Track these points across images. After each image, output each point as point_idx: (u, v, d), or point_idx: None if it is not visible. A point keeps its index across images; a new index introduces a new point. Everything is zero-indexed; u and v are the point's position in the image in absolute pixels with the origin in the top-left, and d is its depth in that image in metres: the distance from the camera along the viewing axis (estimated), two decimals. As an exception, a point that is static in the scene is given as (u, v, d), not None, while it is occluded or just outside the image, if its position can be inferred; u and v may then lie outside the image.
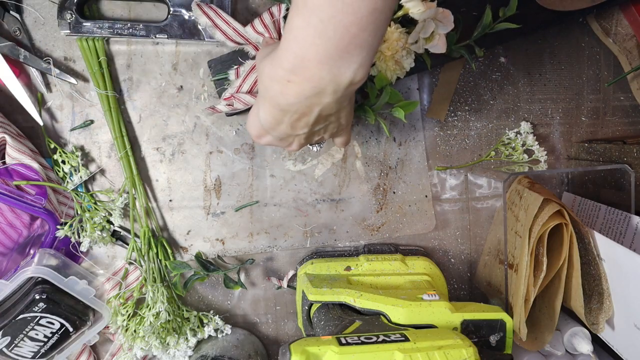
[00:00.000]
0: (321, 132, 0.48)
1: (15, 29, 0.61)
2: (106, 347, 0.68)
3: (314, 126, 0.45)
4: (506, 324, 0.55)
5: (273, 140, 0.49)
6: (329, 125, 0.47)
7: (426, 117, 0.69)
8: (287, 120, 0.44)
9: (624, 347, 0.56)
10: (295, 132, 0.46)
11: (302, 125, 0.44)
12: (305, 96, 0.40)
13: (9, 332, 0.58)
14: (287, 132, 0.46)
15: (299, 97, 0.40)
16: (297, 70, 0.38)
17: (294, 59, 0.38)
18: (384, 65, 0.56)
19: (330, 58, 0.37)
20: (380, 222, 0.70)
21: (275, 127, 0.45)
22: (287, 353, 0.45)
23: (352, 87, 0.40)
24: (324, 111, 0.43)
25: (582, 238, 0.57)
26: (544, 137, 0.71)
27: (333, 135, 0.51)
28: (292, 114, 0.43)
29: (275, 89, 0.41)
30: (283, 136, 0.47)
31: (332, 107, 0.42)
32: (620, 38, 0.68)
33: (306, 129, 0.45)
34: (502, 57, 0.70)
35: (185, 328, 0.65)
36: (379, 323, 0.53)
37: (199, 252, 0.66)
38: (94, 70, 0.61)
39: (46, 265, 0.58)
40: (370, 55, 0.38)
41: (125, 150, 0.63)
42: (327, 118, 0.45)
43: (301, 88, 0.40)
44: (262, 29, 0.57)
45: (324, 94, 0.40)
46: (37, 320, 0.58)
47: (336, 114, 0.45)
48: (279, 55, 0.40)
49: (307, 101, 0.41)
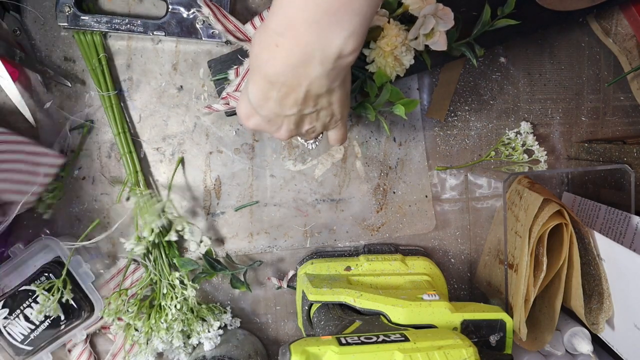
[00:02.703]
0: (313, 120, 0.47)
1: (15, 29, 0.61)
2: (106, 347, 0.68)
3: (304, 106, 0.44)
4: (506, 324, 0.55)
5: (261, 122, 0.47)
6: (321, 112, 0.46)
7: (426, 117, 0.69)
8: (275, 96, 0.43)
9: (624, 347, 0.56)
10: (284, 111, 0.44)
11: (290, 103, 0.43)
12: (293, 64, 0.39)
13: (9, 303, 0.61)
14: (276, 111, 0.45)
15: (286, 65, 0.39)
16: (285, 32, 0.38)
17: (282, 20, 0.37)
18: (383, 61, 0.56)
19: (319, 21, 0.36)
20: (380, 222, 0.70)
21: (263, 103, 0.44)
22: (287, 353, 0.45)
23: (341, 60, 0.39)
24: (313, 88, 0.42)
25: (582, 238, 0.57)
26: (544, 137, 0.71)
27: (326, 127, 0.50)
28: (280, 87, 0.42)
29: (264, 57, 0.40)
30: (271, 116, 0.46)
31: (322, 84, 0.41)
32: (620, 38, 0.68)
33: (295, 108, 0.44)
34: (502, 57, 0.70)
35: (207, 315, 0.65)
36: (379, 323, 0.53)
37: (209, 250, 0.66)
38: (94, 67, 0.61)
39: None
40: (363, 26, 0.37)
41: (127, 146, 0.63)
42: (318, 100, 0.44)
43: (288, 53, 0.39)
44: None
45: (312, 63, 0.39)
46: (35, 296, 0.61)
47: (327, 96, 0.44)
48: (268, 19, 0.39)
49: (295, 71, 0.40)
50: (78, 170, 0.65)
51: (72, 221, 0.66)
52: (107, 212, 0.67)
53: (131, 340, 0.63)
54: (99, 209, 0.66)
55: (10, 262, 0.61)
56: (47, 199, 0.64)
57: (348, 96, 0.47)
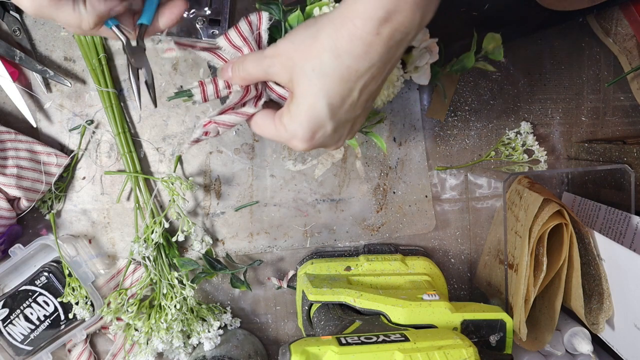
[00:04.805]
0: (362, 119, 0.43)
1: (15, 29, 0.61)
2: (106, 347, 0.68)
3: (373, 96, 0.41)
4: (506, 324, 0.55)
5: (328, 135, 0.41)
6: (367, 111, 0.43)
7: (426, 117, 0.69)
8: (355, 94, 0.39)
9: (624, 347, 0.56)
10: (356, 111, 0.40)
11: (366, 98, 0.40)
12: (389, 47, 0.36)
13: (9, 303, 0.62)
14: (351, 113, 0.40)
15: (384, 50, 0.36)
16: (391, 16, 0.34)
17: (388, 4, 0.34)
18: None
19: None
20: (380, 222, 0.70)
21: (339, 108, 0.39)
22: (287, 353, 0.45)
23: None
24: (385, 75, 0.39)
25: (582, 238, 0.57)
26: (544, 137, 0.72)
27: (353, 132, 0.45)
28: (366, 79, 0.38)
29: (357, 51, 0.36)
30: (342, 121, 0.40)
31: (387, 69, 0.38)
32: (620, 38, 0.68)
33: (369, 102, 0.40)
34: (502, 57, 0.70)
35: (207, 315, 0.65)
36: (379, 323, 0.53)
37: (209, 250, 0.66)
38: (94, 66, 0.61)
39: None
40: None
41: (127, 146, 0.63)
42: (375, 94, 0.41)
43: (389, 38, 0.35)
44: (239, 41, 0.44)
45: (405, 41, 0.36)
46: (35, 296, 0.62)
47: (379, 88, 0.41)
48: (352, 13, 0.35)
49: (389, 54, 0.37)
50: (78, 170, 0.65)
51: (72, 221, 0.66)
52: (107, 212, 0.67)
53: (131, 340, 0.63)
54: (99, 209, 0.66)
55: (10, 262, 0.61)
56: (50, 199, 0.64)
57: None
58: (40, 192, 0.61)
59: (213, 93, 0.45)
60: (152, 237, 0.62)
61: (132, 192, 0.65)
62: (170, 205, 0.63)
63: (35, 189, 0.61)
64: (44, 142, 0.63)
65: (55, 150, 0.62)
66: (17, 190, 0.59)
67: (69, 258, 0.61)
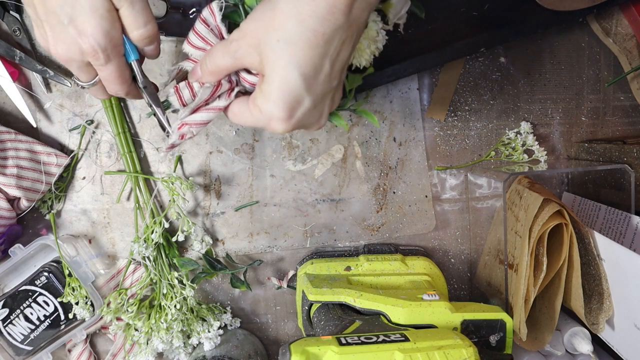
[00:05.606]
0: (337, 95, 0.41)
1: (15, 29, 0.61)
2: (106, 347, 0.68)
3: (346, 64, 0.39)
4: (506, 324, 0.55)
5: (308, 111, 0.39)
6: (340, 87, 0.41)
7: (426, 117, 0.69)
8: (327, 62, 0.36)
9: (624, 347, 0.56)
10: (332, 82, 0.38)
11: (340, 66, 0.38)
12: (353, 4, 0.35)
13: (9, 303, 0.62)
14: (327, 84, 0.38)
15: (347, 9, 0.35)
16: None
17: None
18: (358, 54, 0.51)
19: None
20: (380, 222, 0.70)
21: (313, 79, 0.37)
22: (287, 353, 0.45)
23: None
24: (355, 39, 0.38)
25: (582, 238, 0.57)
26: (544, 137, 0.72)
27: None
28: (335, 44, 0.36)
29: (320, 12, 0.34)
30: (321, 94, 0.38)
31: (355, 32, 0.37)
32: (620, 38, 0.68)
33: (343, 73, 0.39)
34: (502, 57, 0.70)
35: (207, 315, 0.65)
36: (379, 323, 0.53)
37: (209, 250, 0.66)
38: (94, 69, 0.62)
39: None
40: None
41: (127, 146, 0.63)
42: (347, 62, 0.39)
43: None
44: (200, 42, 0.44)
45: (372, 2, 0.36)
46: (35, 296, 0.62)
47: (350, 55, 0.39)
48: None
49: (354, 13, 0.35)
50: (78, 170, 0.65)
51: (72, 221, 0.66)
52: (107, 212, 0.67)
53: (131, 340, 0.63)
54: (99, 209, 0.66)
55: (10, 262, 0.61)
56: (50, 199, 0.64)
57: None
58: (40, 192, 0.61)
59: (190, 96, 0.44)
60: (152, 237, 0.62)
61: (132, 192, 0.65)
62: (170, 205, 0.63)
63: (35, 189, 0.61)
64: (44, 142, 0.63)
65: (55, 150, 0.62)
66: (17, 190, 0.59)
67: (69, 258, 0.61)
